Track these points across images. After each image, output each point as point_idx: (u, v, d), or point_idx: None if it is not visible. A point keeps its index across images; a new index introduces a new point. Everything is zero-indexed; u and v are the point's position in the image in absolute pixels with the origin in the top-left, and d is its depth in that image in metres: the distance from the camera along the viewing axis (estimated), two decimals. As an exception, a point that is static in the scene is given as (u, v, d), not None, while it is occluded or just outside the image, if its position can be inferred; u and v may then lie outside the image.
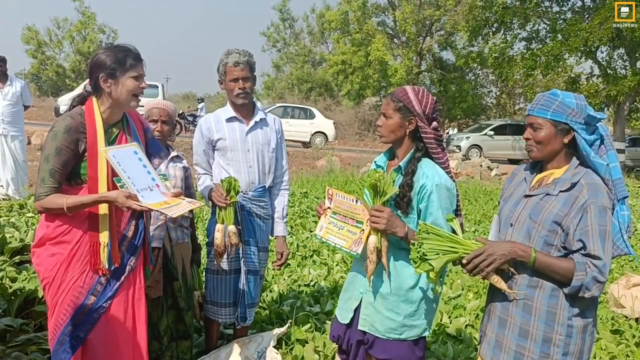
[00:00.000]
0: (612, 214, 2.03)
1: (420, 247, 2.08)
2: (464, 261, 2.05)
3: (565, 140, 2.07)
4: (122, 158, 2.28)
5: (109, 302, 2.34)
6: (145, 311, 2.48)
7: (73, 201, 2.22)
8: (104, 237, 2.28)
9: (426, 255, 2.06)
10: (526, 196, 2.16)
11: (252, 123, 3.22)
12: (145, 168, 2.37)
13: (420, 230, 2.12)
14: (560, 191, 2.04)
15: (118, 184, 2.27)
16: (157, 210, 2.27)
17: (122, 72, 2.31)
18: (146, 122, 2.69)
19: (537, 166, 2.23)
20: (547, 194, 2.07)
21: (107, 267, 2.29)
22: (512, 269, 2.05)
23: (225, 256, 3.07)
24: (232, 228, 2.94)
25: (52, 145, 2.23)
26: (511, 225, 2.16)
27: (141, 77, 2.37)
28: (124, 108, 2.42)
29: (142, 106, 3.51)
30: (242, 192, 3.10)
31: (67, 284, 2.29)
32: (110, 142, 2.37)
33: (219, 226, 2.97)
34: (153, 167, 2.47)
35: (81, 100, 2.41)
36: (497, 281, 2.04)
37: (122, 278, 2.38)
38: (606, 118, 2.10)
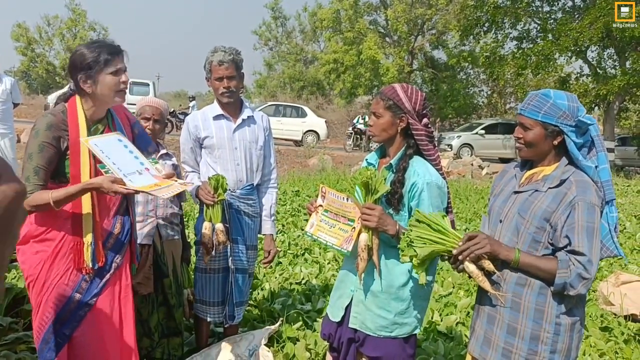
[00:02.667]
0: (602, 214, 2.04)
1: (409, 234, 2.08)
2: (460, 242, 2.04)
3: (555, 142, 2.07)
4: (105, 146, 2.22)
5: (94, 299, 2.31)
6: (132, 308, 2.46)
7: (59, 194, 2.17)
8: (87, 235, 2.25)
9: (413, 242, 2.07)
10: (515, 192, 2.17)
11: (239, 121, 3.20)
12: (132, 154, 2.32)
13: (414, 217, 2.13)
14: (549, 188, 2.05)
15: (102, 170, 2.22)
16: (145, 192, 2.21)
17: (99, 71, 2.25)
18: (133, 117, 2.65)
19: (528, 163, 2.24)
20: (536, 191, 2.08)
21: (90, 266, 2.26)
22: (497, 272, 2.06)
23: (213, 255, 3.06)
24: (219, 226, 2.93)
25: (34, 143, 2.20)
26: (500, 221, 2.17)
27: (120, 71, 2.30)
28: (108, 105, 2.38)
29: (134, 104, 3.50)
30: (229, 190, 3.09)
31: (52, 281, 2.26)
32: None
33: (206, 224, 2.96)
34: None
35: (65, 98, 2.38)
36: (482, 281, 2.05)
37: (108, 275, 2.35)
38: (595, 122, 2.08)
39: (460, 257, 2.05)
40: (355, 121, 23.05)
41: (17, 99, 7.59)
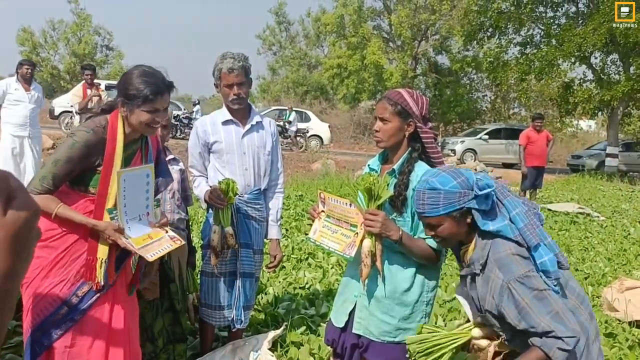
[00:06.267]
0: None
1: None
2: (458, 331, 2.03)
3: (468, 220, 1.99)
4: (132, 182, 2.27)
5: (80, 316, 2.27)
6: (124, 323, 2.39)
7: (64, 214, 2.18)
8: (102, 252, 2.24)
9: None
10: (461, 276, 2.14)
11: (248, 126, 3.22)
12: (146, 193, 2.38)
13: (410, 348, 2.13)
14: (481, 272, 1.97)
15: (110, 215, 2.24)
16: (136, 252, 2.26)
17: (136, 105, 2.25)
18: (161, 144, 2.66)
19: None
20: (474, 274, 2.02)
21: (102, 283, 2.23)
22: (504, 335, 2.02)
23: (221, 258, 3.07)
24: (229, 230, 2.95)
25: (66, 153, 2.20)
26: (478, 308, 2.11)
27: (157, 111, 2.29)
28: (138, 133, 2.39)
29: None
30: (237, 194, 3.11)
31: (43, 290, 2.22)
32: (126, 157, 2.34)
33: (215, 228, 2.97)
34: (157, 189, 2.49)
35: (111, 108, 2.38)
36: (500, 346, 2.01)
37: (99, 294, 2.31)
38: (493, 187, 1.95)
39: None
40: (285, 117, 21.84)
41: (41, 104, 7.91)
